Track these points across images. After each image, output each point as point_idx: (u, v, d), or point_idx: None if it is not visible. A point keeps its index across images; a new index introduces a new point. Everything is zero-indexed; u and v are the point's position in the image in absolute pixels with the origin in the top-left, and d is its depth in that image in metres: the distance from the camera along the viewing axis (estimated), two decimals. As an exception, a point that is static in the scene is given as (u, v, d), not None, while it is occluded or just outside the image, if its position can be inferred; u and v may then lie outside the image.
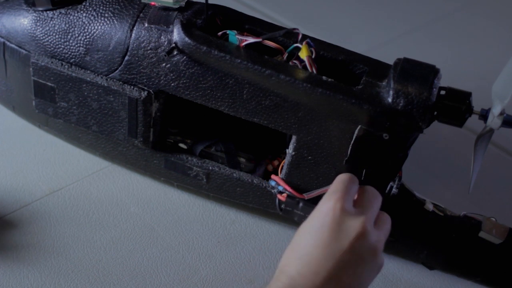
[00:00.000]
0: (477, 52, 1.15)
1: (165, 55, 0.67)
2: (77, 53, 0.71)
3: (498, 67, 0.61)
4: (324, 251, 0.55)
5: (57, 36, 0.72)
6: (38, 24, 0.73)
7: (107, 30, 0.70)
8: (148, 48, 0.68)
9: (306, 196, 0.68)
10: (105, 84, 0.71)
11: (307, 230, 0.57)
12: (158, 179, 0.77)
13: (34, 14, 0.73)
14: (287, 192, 0.69)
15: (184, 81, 0.68)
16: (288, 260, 0.56)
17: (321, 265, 0.54)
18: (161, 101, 0.71)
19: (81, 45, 0.71)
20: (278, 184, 0.69)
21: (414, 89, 0.61)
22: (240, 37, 0.66)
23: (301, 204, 0.69)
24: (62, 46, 0.72)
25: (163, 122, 0.73)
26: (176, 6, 0.68)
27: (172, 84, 0.69)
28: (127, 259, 0.70)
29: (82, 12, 0.71)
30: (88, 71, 0.71)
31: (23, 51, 0.74)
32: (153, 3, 0.69)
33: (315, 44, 0.67)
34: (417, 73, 0.62)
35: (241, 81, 0.66)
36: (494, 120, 0.61)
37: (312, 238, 0.56)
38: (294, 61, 0.66)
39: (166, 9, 0.68)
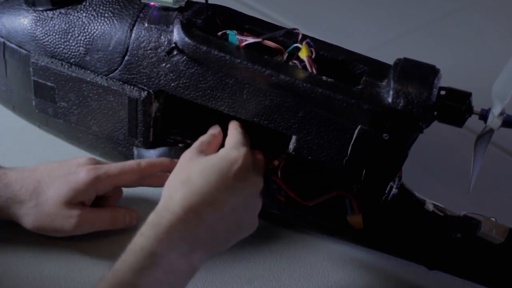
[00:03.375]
0: (477, 52, 1.15)
1: (165, 55, 0.67)
2: (77, 53, 0.71)
3: (498, 67, 0.61)
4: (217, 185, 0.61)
5: (57, 36, 0.72)
6: (38, 24, 0.73)
7: (107, 30, 0.70)
8: (148, 48, 0.68)
9: (310, 202, 0.68)
10: (105, 84, 0.71)
11: (209, 171, 0.62)
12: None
13: (34, 14, 0.73)
14: (289, 197, 0.69)
15: (184, 81, 0.68)
16: (184, 194, 0.60)
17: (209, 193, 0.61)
18: (161, 101, 0.71)
19: (81, 45, 0.71)
20: (280, 188, 0.69)
21: (414, 89, 0.61)
22: (240, 37, 0.66)
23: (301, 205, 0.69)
24: (62, 46, 0.72)
25: (163, 122, 0.73)
26: (176, 6, 0.68)
27: (172, 84, 0.69)
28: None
29: (82, 12, 0.71)
30: (88, 71, 0.71)
31: (23, 51, 0.74)
32: (153, 3, 0.69)
33: (315, 44, 0.67)
34: (417, 73, 0.63)
35: (241, 81, 0.66)
36: (494, 120, 0.61)
37: (215, 179, 0.61)
38: (294, 61, 0.66)
39: (166, 9, 0.68)
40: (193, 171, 0.62)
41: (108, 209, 0.71)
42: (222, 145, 0.68)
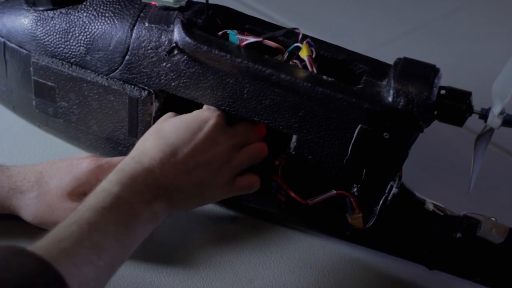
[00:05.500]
0: (477, 52, 1.15)
1: (166, 55, 0.67)
2: (78, 53, 0.71)
3: (498, 67, 0.62)
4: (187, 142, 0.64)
5: (57, 36, 0.72)
6: (38, 23, 0.73)
7: (108, 30, 0.70)
8: (149, 47, 0.68)
9: (310, 202, 0.68)
10: (106, 84, 0.71)
11: (179, 126, 0.65)
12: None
13: (35, 13, 0.73)
14: (290, 197, 0.69)
15: (185, 80, 0.68)
16: (152, 144, 0.64)
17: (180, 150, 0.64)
18: (161, 100, 0.71)
19: (82, 44, 0.71)
20: (280, 187, 0.69)
21: (414, 88, 0.61)
22: (240, 37, 0.66)
23: (301, 204, 0.69)
24: (63, 46, 0.72)
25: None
26: (177, 6, 0.68)
27: (173, 84, 0.69)
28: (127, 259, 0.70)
29: (82, 11, 0.71)
30: (89, 71, 0.71)
31: (24, 50, 0.74)
32: (153, 2, 0.69)
33: (316, 43, 0.67)
34: (418, 72, 0.63)
35: (241, 81, 0.66)
36: (494, 120, 0.61)
37: (183, 134, 0.64)
38: (295, 60, 0.66)
39: (166, 8, 0.68)
40: (165, 125, 0.66)
41: None
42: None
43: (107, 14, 0.70)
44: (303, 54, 0.65)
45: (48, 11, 0.72)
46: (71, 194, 0.67)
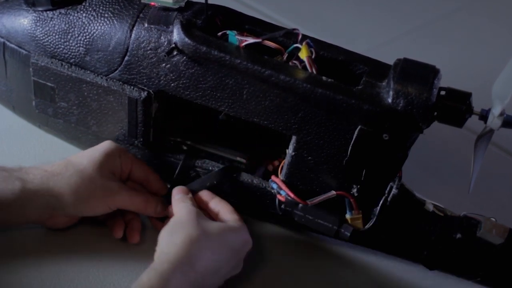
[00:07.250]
0: (477, 52, 1.15)
1: (165, 55, 0.67)
2: (77, 53, 0.71)
3: (498, 67, 0.62)
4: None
5: (57, 36, 0.72)
6: (38, 24, 0.73)
7: (107, 30, 0.70)
8: (148, 48, 0.68)
9: (310, 202, 0.68)
10: (105, 84, 0.71)
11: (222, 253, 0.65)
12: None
13: (34, 14, 0.73)
14: (289, 197, 0.69)
15: (184, 81, 0.68)
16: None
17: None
18: (161, 101, 0.71)
19: (81, 45, 0.71)
20: (279, 188, 0.69)
21: (414, 89, 0.61)
22: (240, 38, 0.66)
23: (300, 205, 0.69)
24: (62, 46, 0.72)
25: (163, 122, 0.73)
26: (176, 7, 0.68)
27: (172, 84, 0.69)
28: (127, 258, 0.70)
29: (82, 12, 0.71)
30: (88, 71, 0.71)
31: (23, 51, 0.74)
32: (153, 3, 0.69)
33: (315, 44, 0.67)
34: (417, 73, 0.63)
35: (241, 81, 0.66)
36: (494, 121, 0.61)
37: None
38: (294, 61, 0.66)
39: (166, 9, 0.68)
40: (204, 253, 0.63)
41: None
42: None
43: (106, 15, 0.70)
44: (303, 54, 0.65)
45: (48, 12, 0.72)
46: (103, 170, 0.68)
